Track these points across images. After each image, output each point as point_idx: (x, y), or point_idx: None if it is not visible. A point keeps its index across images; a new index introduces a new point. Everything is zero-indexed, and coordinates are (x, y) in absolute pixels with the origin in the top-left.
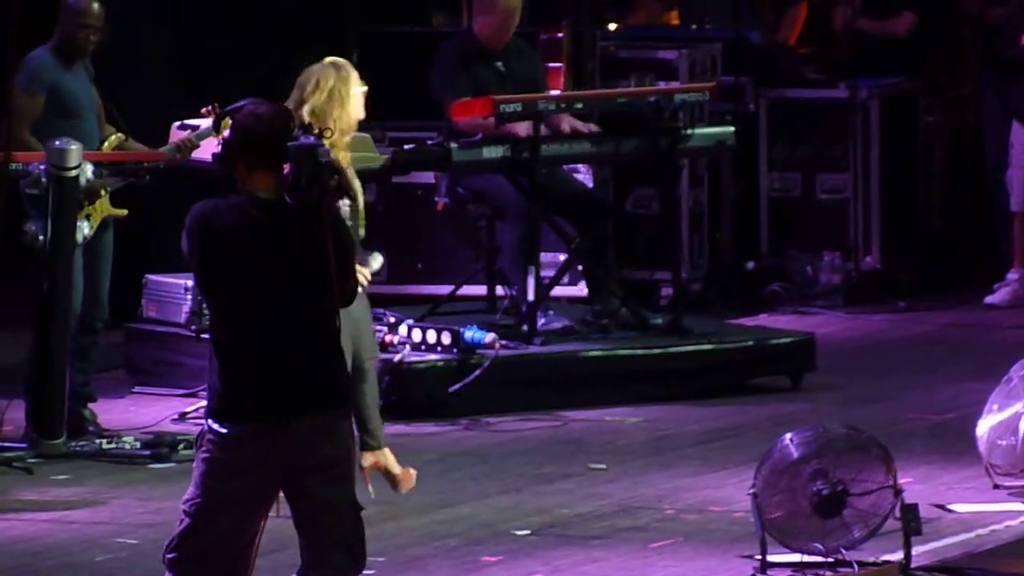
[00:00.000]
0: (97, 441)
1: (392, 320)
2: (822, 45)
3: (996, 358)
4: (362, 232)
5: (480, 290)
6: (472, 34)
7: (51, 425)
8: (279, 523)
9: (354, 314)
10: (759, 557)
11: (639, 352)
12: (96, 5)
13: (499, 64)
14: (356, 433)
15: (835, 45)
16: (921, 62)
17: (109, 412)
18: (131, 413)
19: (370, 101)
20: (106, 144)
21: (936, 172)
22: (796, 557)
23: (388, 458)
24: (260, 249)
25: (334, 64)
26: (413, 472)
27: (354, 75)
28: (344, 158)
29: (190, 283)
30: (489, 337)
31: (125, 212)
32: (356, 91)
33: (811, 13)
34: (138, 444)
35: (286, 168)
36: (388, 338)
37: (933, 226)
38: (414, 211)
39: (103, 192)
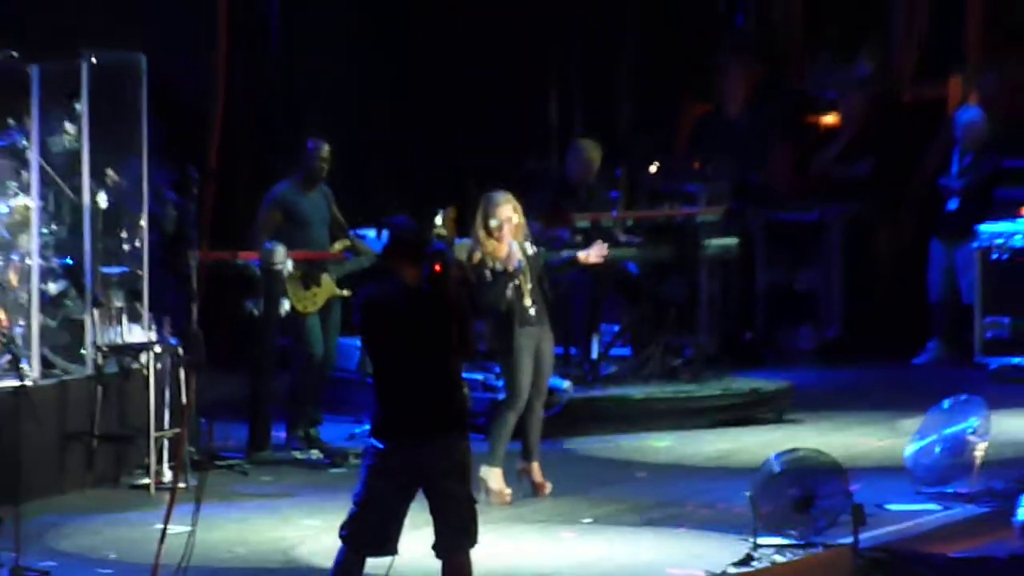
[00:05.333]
0: (292, 453)
1: (497, 371)
2: (802, 183)
3: (921, 401)
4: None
5: (558, 350)
6: (564, 176)
7: (261, 441)
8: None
9: (546, 362)
10: (753, 539)
11: (670, 395)
12: (326, 147)
13: (579, 196)
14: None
15: (811, 183)
16: (874, 196)
17: None
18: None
19: None
20: (334, 246)
21: (881, 271)
22: (779, 540)
23: (535, 469)
24: (406, 321)
25: (489, 197)
26: (549, 484)
27: (497, 206)
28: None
29: (359, 342)
30: (566, 383)
31: (347, 294)
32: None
33: (795, 158)
34: (321, 455)
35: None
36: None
37: (879, 308)
38: None
39: (326, 278)
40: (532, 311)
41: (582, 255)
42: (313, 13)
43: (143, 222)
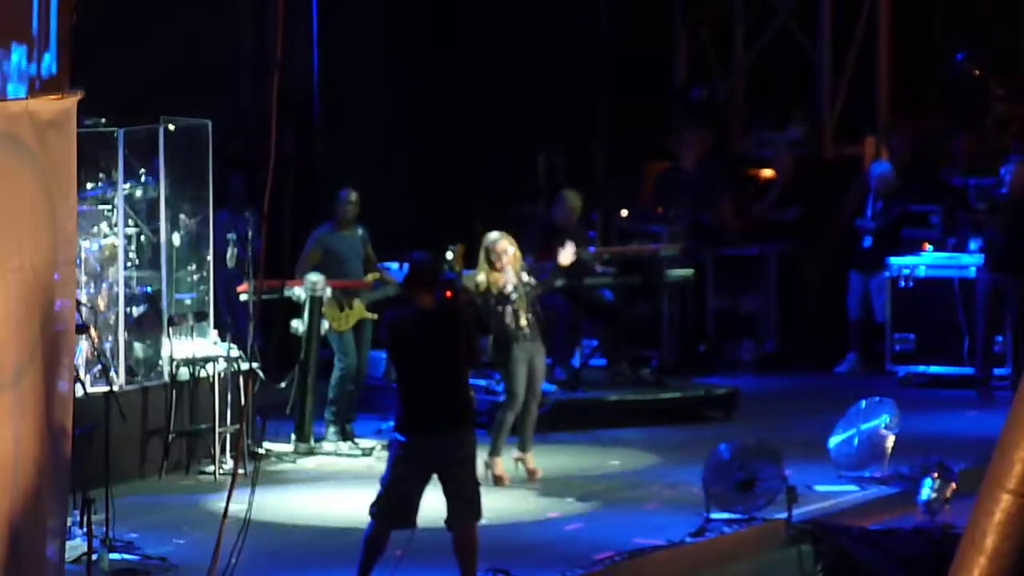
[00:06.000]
0: (328, 447)
1: (497, 377)
2: (744, 226)
3: (841, 402)
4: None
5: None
6: (552, 220)
7: (305, 436)
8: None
9: (538, 370)
10: (706, 515)
11: (639, 397)
12: (354, 194)
13: (564, 236)
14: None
15: (751, 225)
16: (802, 235)
17: None
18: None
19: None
20: (365, 277)
21: (809, 297)
22: (727, 515)
23: (529, 458)
24: (422, 337)
25: (488, 235)
26: (540, 471)
27: (495, 243)
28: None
29: (384, 355)
30: (553, 387)
31: (376, 317)
32: (492, 246)
33: (738, 205)
34: (355, 447)
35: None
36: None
37: (807, 327)
38: None
39: (358, 303)
40: (527, 329)
41: (559, 258)
42: (349, 87)
43: (209, 257)
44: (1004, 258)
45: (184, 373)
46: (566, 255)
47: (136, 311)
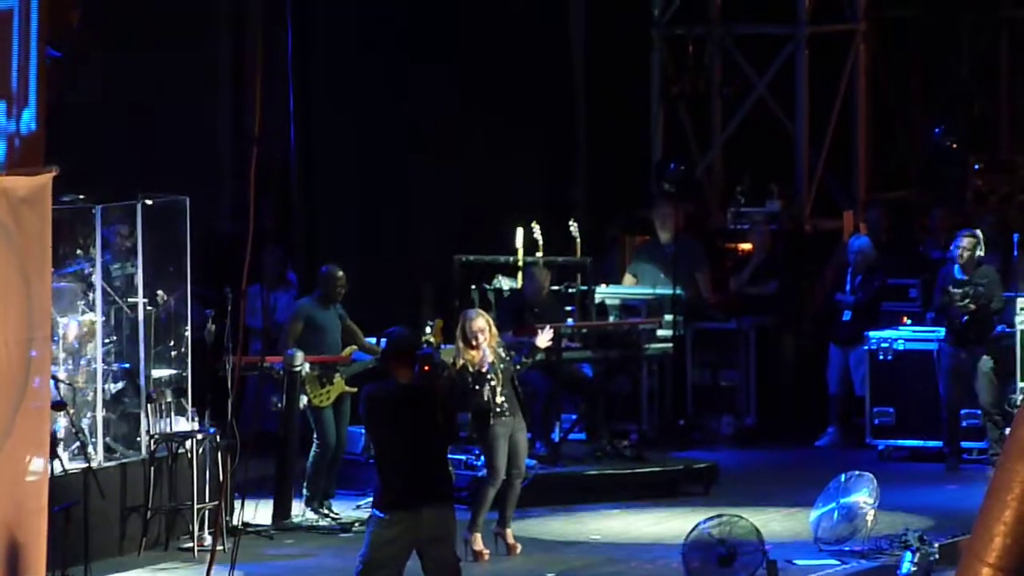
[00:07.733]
0: (311, 521)
1: (477, 452)
2: (722, 299)
3: (821, 476)
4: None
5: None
6: (523, 293)
7: (285, 511)
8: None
9: (520, 446)
10: None
11: (618, 471)
12: (340, 273)
13: (536, 310)
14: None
15: (729, 298)
16: (781, 309)
17: None
18: None
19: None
20: (344, 351)
21: (788, 370)
22: None
23: (508, 534)
24: (400, 411)
25: (465, 313)
26: (519, 546)
27: (471, 321)
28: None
29: (363, 430)
30: (533, 462)
31: (355, 390)
32: (468, 324)
33: (716, 278)
34: (334, 523)
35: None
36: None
37: (786, 400)
38: None
39: (338, 378)
40: (505, 405)
41: (537, 340)
42: (326, 159)
43: (187, 333)
44: (966, 332)
45: (162, 450)
46: (543, 339)
47: (114, 387)
